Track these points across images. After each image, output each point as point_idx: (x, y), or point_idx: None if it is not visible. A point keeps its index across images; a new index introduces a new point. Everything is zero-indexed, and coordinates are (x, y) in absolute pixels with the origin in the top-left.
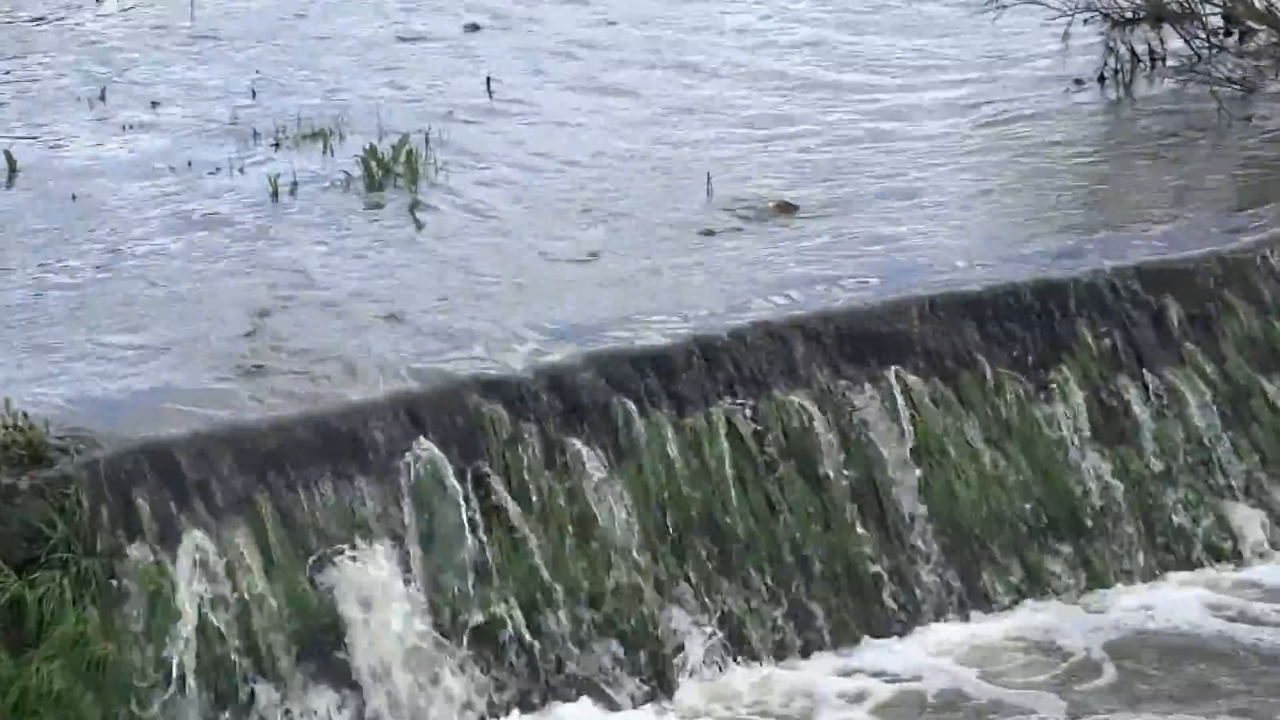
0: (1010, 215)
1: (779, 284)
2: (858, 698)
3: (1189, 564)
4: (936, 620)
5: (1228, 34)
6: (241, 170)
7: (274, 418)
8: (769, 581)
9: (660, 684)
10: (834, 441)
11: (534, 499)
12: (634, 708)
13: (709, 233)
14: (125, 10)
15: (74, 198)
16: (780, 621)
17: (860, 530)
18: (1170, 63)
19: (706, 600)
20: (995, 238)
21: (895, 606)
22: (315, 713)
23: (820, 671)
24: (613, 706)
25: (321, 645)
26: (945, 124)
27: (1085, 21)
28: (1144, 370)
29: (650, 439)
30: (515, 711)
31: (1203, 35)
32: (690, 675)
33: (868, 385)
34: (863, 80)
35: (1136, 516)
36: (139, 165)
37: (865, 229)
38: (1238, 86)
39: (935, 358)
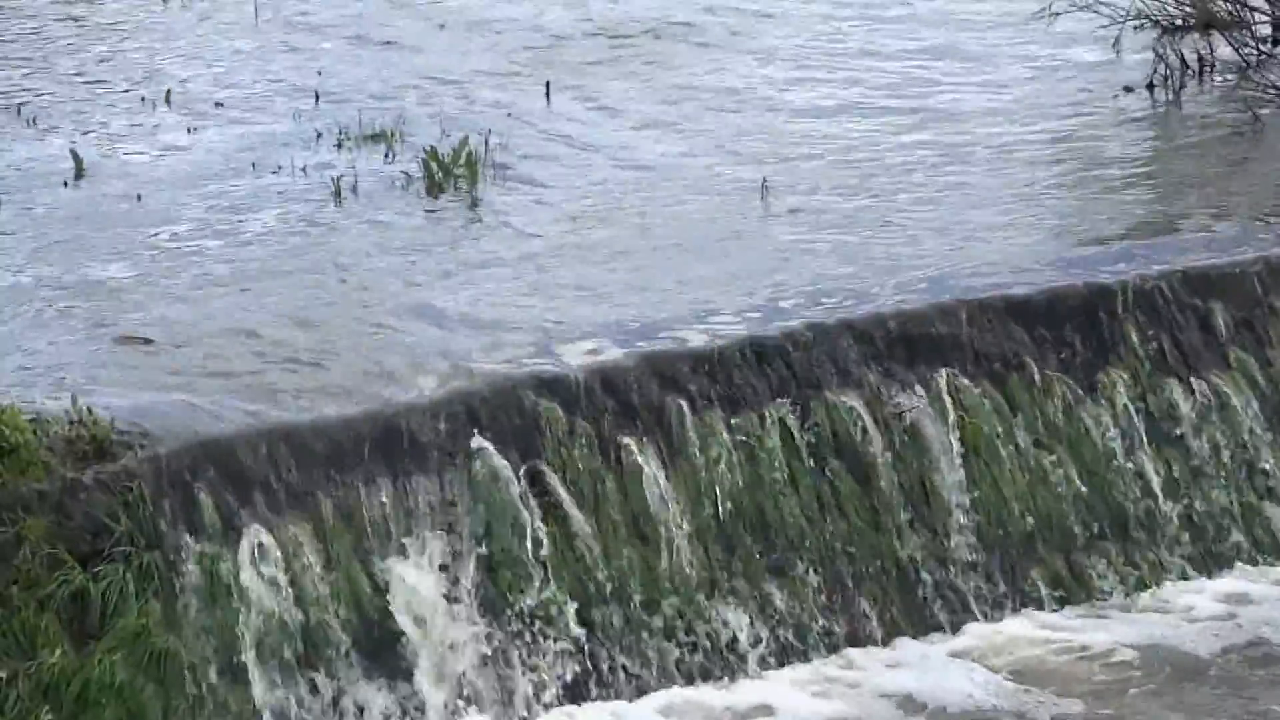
0: (1059, 220)
1: (830, 286)
2: (902, 696)
3: (1233, 565)
4: (982, 620)
5: (1276, 42)
6: (304, 170)
7: (334, 415)
8: (818, 579)
9: (711, 679)
10: (883, 442)
11: (588, 495)
12: (683, 702)
13: (764, 233)
14: (188, 11)
15: (139, 197)
16: (828, 619)
17: (908, 530)
18: (1219, 70)
19: (756, 596)
20: (1044, 242)
21: (941, 606)
22: (372, 704)
23: (867, 668)
24: (663, 701)
25: (379, 639)
26: (995, 129)
27: (1136, 29)
28: (1191, 374)
29: (702, 438)
30: (567, 704)
31: (1252, 43)
32: (740, 671)
33: (917, 387)
34: (913, 85)
35: (1182, 518)
36: (203, 165)
37: (914, 232)
38: None
39: (984, 360)
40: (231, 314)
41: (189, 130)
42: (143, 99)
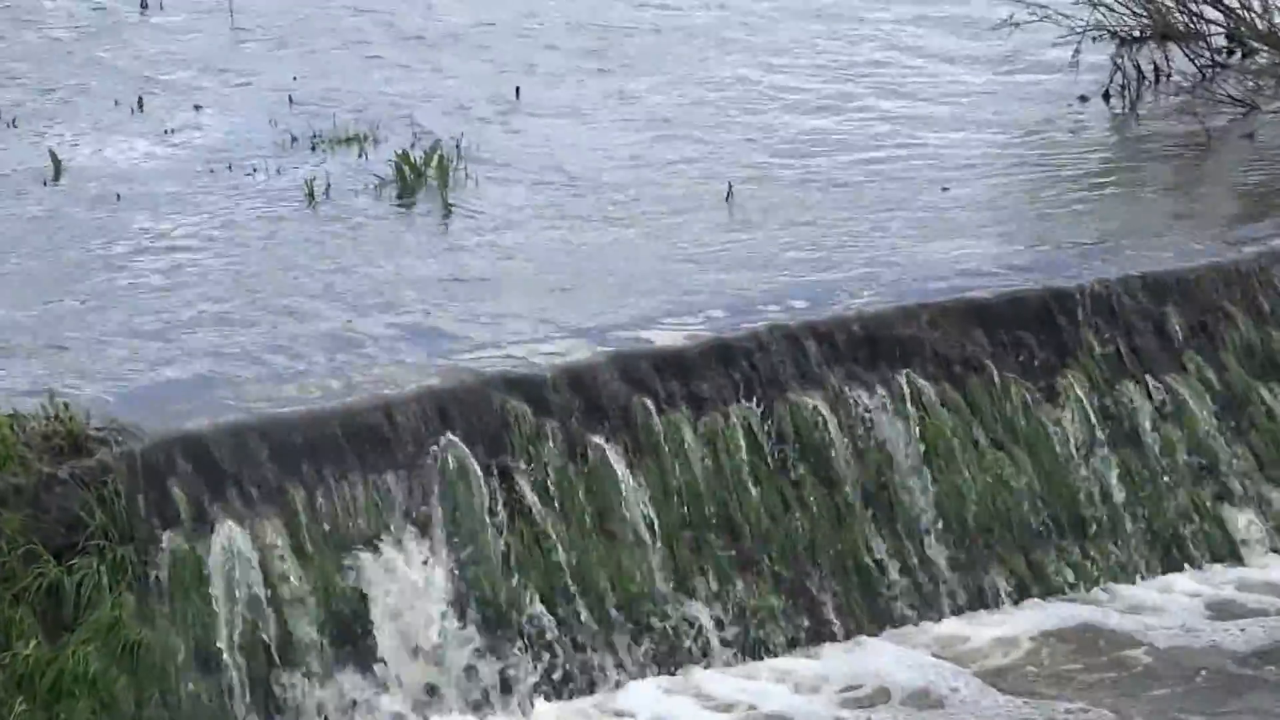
0: (1018, 225)
1: (794, 288)
2: (863, 691)
3: (1189, 564)
4: (942, 616)
5: (1230, 53)
6: (279, 172)
7: (306, 411)
8: (781, 576)
9: (676, 673)
10: (845, 442)
11: (555, 493)
12: (649, 696)
13: (730, 237)
14: (165, 16)
15: (118, 197)
16: (792, 615)
17: (870, 528)
18: (1175, 80)
19: (721, 593)
20: (1003, 247)
21: (902, 602)
22: (342, 697)
23: (828, 664)
24: (629, 695)
25: (349, 632)
26: (956, 137)
27: (1094, 40)
28: (1147, 376)
29: (668, 437)
30: (535, 699)
31: (1207, 54)
32: (705, 665)
33: (879, 388)
34: (876, 94)
35: (1138, 518)
36: (180, 167)
37: (875, 236)
38: (1240, 104)
39: (945, 362)
40: (204, 310)
41: (167, 132)
42: (118, 103)
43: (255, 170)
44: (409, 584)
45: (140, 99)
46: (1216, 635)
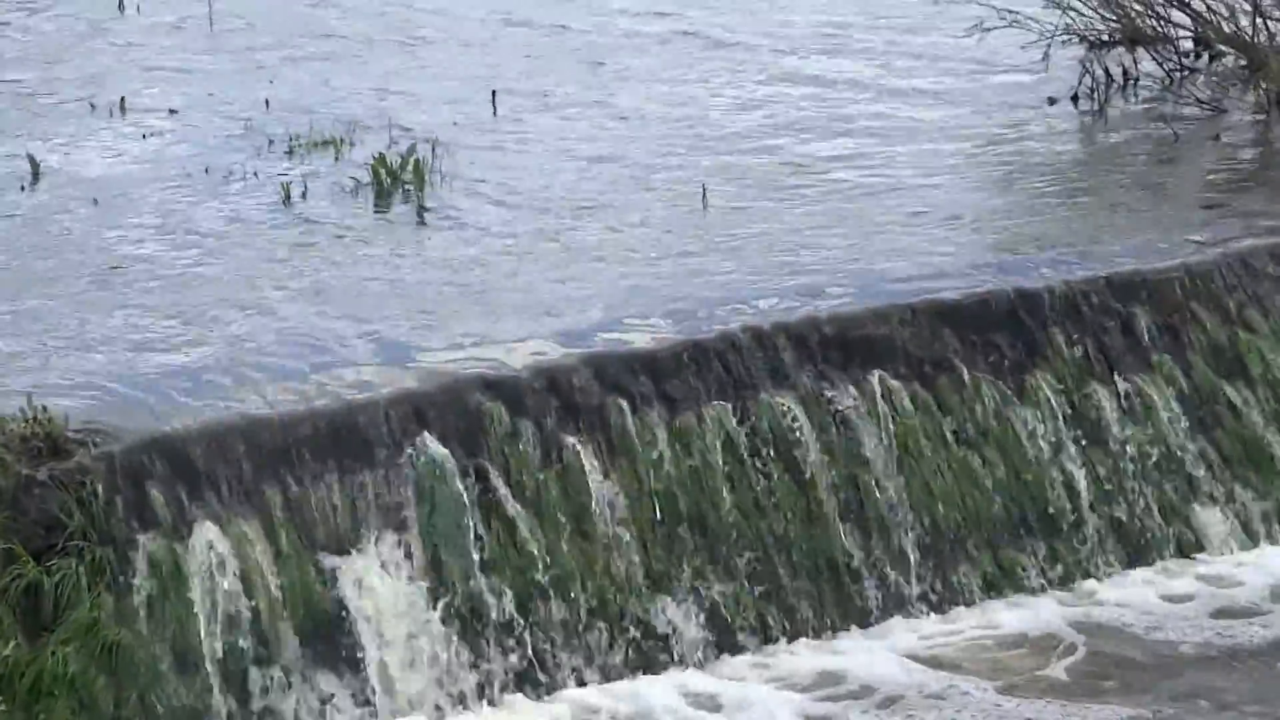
0: (988, 227)
1: (768, 291)
2: (834, 687)
3: (1156, 560)
4: (912, 613)
5: (1198, 57)
6: (256, 176)
7: (283, 413)
8: (754, 573)
9: (651, 672)
10: (818, 441)
11: (531, 493)
12: (624, 695)
13: (703, 240)
14: (143, 19)
15: (95, 201)
16: (764, 611)
17: (842, 526)
18: (1143, 83)
19: (694, 590)
20: (973, 248)
21: (873, 599)
22: (320, 696)
23: (799, 660)
24: (604, 693)
25: (327, 632)
26: (926, 139)
27: (1063, 44)
28: (1114, 376)
29: (642, 437)
30: (510, 695)
31: (1174, 58)
32: (680, 663)
33: (851, 388)
34: (847, 97)
35: (1106, 515)
36: (157, 170)
37: (847, 239)
38: (1207, 107)
39: (915, 362)
40: (180, 313)
41: (144, 136)
42: (94, 106)
43: (231, 174)
44: (386, 583)
45: (120, 101)
46: (1181, 630)
